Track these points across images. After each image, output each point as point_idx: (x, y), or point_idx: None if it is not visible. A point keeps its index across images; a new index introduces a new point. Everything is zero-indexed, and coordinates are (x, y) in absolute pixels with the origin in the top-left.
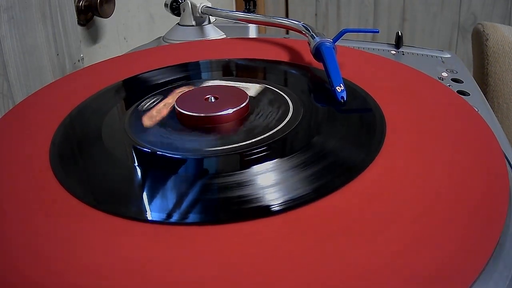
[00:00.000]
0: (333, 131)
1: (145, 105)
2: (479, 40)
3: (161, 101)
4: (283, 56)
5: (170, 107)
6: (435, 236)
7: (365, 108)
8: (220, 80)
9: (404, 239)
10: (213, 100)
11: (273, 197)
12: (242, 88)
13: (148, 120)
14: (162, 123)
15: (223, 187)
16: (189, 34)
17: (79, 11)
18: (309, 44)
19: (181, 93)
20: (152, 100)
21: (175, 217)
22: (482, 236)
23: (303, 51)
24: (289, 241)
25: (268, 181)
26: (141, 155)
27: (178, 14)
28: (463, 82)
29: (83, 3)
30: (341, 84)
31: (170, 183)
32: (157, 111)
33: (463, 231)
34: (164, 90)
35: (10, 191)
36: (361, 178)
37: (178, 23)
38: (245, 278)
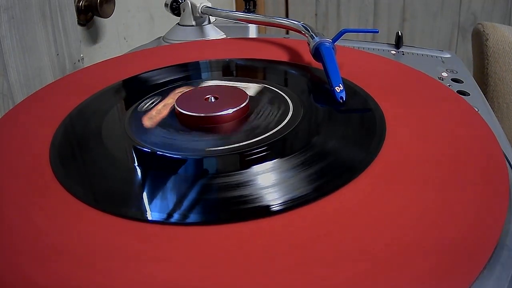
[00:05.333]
0: (333, 131)
1: (145, 105)
2: (479, 40)
3: (161, 101)
4: (283, 56)
5: (170, 107)
6: (435, 236)
7: (365, 108)
8: (220, 80)
9: (403, 239)
10: (213, 100)
11: (273, 197)
12: (241, 88)
13: (148, 120)
14: (162, 123)
15: (223, 187)
16: (189, 34)
17: (79, 11)
18: (309, 44)
19: (181, 93)
20: (152, 100)
21: (175, 218)
22: (482, 236)
23: (303, 51)
24: (290, 240)
25: (268, 181)
26: (141, 155)
27: (178, 14)
28: (463, 82)
29: (83, 3)
30: (340, 85)
31: (170, 183)
32: (157, 111)
33: (463, 231)
34: (164, 90)
35: (10, 191)
36: (361, 178)
37: (178, 23)
38: (245, 278)
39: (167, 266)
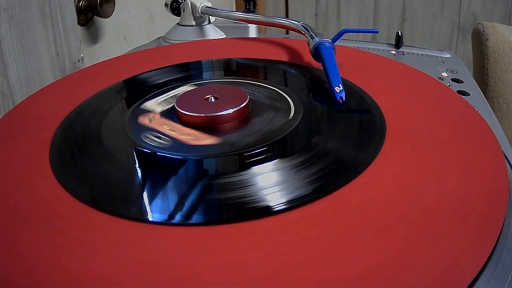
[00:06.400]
0: (333, 131)
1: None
2: (479, 40)
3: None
4: (283, 56)
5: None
6: (435, 236)
7: (364, 108)
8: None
9: (403, 239)
10: (213, 100)
11: (274, 197)
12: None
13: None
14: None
15: (224, 187)
16: (189, 34)
17: (79, 11)
18: (309, 44)
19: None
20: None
21: (176, 218)
22: (481, 236)
23: (303, 51)
24: (290, 240)
25: (268, 181)
26: (141, 155)
27: (178, 14)
28: (463, 82)
29: (83, 3)
30: (340, 85)
31: (170, 184)
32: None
33: (462, 231)
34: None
35: (10, 192)
36: (361, 178)
37: (178, 23)
38: (247, 278)
39: (168, 267)
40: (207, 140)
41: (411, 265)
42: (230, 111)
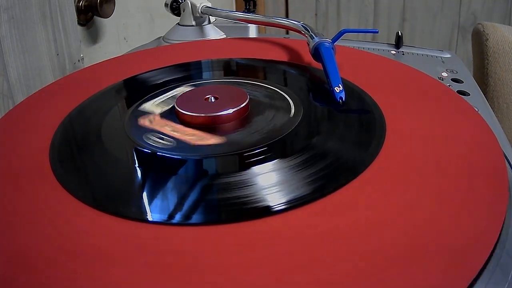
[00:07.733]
0: (333, 132)
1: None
2: (479, 40)
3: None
4: (283, 56)
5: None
6: (434, 236)
7: (364, 109)
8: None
9: (403, 239)
10: (213, 100)
11: (273, 198)
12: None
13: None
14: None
15: (224, 187)
16: (189, 34)
17: (79, 11)
18: (308, 44)
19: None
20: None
21: (175, 218)
22: (481, 236)
23: (303, 51)
24: (290, 240)
25: (268, 181)
26: (141, 155)
27: (178, 14)
28: (463, 82)
29: (83, 3)
30: (339, 85)
31: (170, 184)
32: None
33: (463, 231)
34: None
35: (10, 192)
36: (361, 179)
37: (178, 23)
38: (245, 278)
39: (168, 267)
40: (207, 140)
41: (408, 267)
42: (230, 111)
